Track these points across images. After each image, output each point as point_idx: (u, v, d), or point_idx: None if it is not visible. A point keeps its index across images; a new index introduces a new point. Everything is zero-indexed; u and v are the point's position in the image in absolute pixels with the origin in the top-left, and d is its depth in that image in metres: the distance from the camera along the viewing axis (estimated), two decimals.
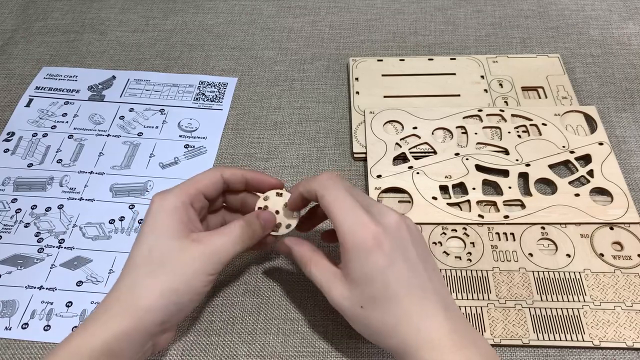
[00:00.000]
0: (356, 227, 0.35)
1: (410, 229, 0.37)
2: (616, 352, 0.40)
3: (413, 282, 0.35)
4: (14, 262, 0.46)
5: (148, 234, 0.37)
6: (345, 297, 0.35)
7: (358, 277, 0.35)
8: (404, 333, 0.34)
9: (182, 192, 0.38)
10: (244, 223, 0.39)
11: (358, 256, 0.35)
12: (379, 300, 0.34)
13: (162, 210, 0.37)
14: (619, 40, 0.64)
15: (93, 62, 0.63)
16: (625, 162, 0.52)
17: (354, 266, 0.35)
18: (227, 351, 0.41)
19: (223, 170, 0.41)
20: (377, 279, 0.34)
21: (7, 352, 0.42)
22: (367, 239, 0.34)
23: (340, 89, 0.60)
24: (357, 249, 0.35)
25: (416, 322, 0.34)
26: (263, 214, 0.41)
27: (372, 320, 0.35)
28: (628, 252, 0.45)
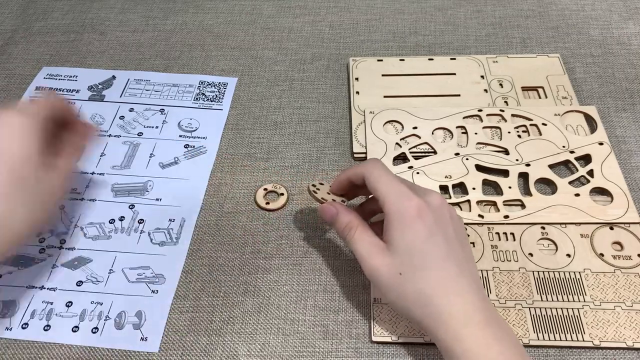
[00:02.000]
0: (401, 199, 0.37)
1: (451, 211, 0.39)
2: (616, 352, 0.40)
3: (451, 258, 0.36)
4: (15, 262, 0.46)
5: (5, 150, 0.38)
6: (385, 264, 0.37)
7: (400, 244, 0.36)
8: (438, 304, 0.35)
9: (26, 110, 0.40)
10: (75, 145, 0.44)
11: (402, 224, 0.37)
12: (418, 269, 0.36)
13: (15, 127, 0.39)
14: (619, 40, 0.64)
15: (93, 62, 0.63)
16: (625, 162, 0.52)
17: (397, 234, 0.37)
18: (227, 351, 0.41)
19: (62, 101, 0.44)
20: (418, 247, 0.36)
21: (7, 352, 0.42)
22: (411, 209, 0.37)
23: (340, 89, 0.60)
24: (401, 218, 0.37)
25: (451, 295, 0.35)
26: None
27: (409, 289, 0.36)
28: (628, 252, 0.45)
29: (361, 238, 0.39)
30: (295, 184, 0.51)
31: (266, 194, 0.51)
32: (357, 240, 0.39)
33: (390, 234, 0.37)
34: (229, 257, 0.47)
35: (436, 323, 0.35)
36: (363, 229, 0.39)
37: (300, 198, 0.50)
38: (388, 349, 0.41)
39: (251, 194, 0.51)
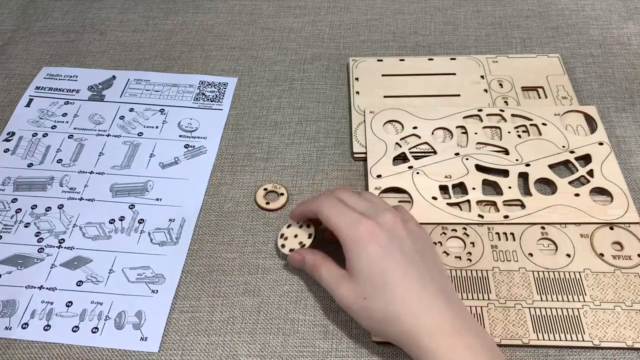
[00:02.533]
0: (352, 225, 0.38)
1: (409, 226, 0.40)
2: (616, 352, 0.40)
3: (410, 273, 0.37)
4: (14, 262, 0.46)
5: None
6: (349, 291, 0.38)
7: (358, 269, 0.38)
8: (405, 321, 0.36)
9: None
10: None
11: (357, 249, 0.38)
12: (379, 290, 0.37)
13: None
14: (619, 40, 0.64)
15: (93, 62, 0.63)
16: (625, 162, 0.52)
17: (354, 260, 0.38)
18: (227, 351, 0.41)
19: None
20: (375, 269, 0.37)
21: (7, 352, 0.42)
22: (362, 233, 0.38)
23: (340, 89, 0.60)
24: (355, 244, 0.38)
25: (416, 310, 0.36)
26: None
27: (375, 311, 0.37)
28: (628, 252, 0.45)
29: (327, 272, 0.40)
30: (295, 184, 0.51)
31: (266, 194, 0.51)
32: (323, 276, 0.40)
33: (349, 261, 0.38)
34: (229, 257, 0.47)
35: (408, 340, 0.36)
36: (328, 264, 0.41)
37: (300, 198, 0.50)
38: (388, 349, 0.41)
39: (251, 194, 0.51)
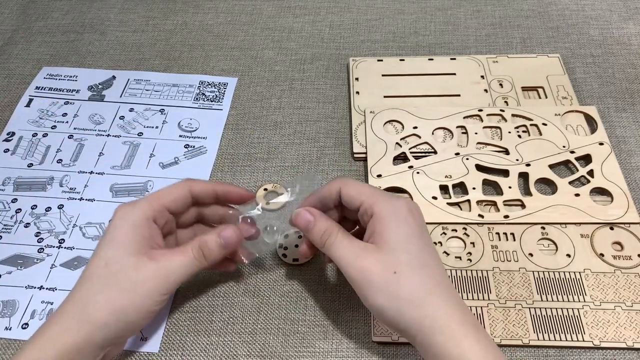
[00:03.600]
0: (389, 199, 0.37)
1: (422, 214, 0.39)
2: (616, 352, 0.40)
3: (437, 258, 0.37)
4: (14, 262, 0.46)
5: (107, 247, 0.37)
6: (378, 263, 0.35)
7: (395, 240, 0.35)
8: (435, 303, 0.34)
9: (146, 206, 0.38)
10: (200, 244, 0.38)
11: (396, 220, 0.36)
12: (414, 266, 0.35)
13: (125, 224, 0.37)
14: (619, 40, 0.64)
15: (93, 62, 0.63)
16: (625, 162, 0.52)
17: (391, 231, 0.36)
18: (227, 351, 0.41)
19: (192, 184, 0.40)
20: (414, 243, 0.36)
21: (7, 352, 0.42)
22: (402, 207, 0.36)
23: (340, 89, 0.60)
24: (395, 214, 0.36)
25: (446, 296, 0.34)
26: (225, 231, 0.39)
27: (404, 288, 0.34)
28: (628, 252, 0.45)
29: (343, 241, 0.37)
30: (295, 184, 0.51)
31: (266, 194, 0.51)
32: (339, 245, 0.37)
33: (383, 232, 0.36)
34: None
35: (432, 325, 0.33)
36: (344, 233, 0.37)
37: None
38: (388, 349, 0.41)
39: None
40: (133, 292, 0.36)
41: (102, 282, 0.36)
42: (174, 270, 0.37)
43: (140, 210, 0.38)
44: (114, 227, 0.37)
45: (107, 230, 0.38)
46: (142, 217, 0.37)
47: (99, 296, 0.35)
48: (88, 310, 0.35)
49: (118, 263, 0.36)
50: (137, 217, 0.37)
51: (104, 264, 0.36)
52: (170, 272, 0.37)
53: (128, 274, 0.36)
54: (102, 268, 0.36)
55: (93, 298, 0.35)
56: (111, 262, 0.36)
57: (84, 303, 0.35)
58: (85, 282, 0.36)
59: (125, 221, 0.37)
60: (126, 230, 0.37)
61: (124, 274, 0.36)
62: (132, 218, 0.37)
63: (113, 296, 0.35)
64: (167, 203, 0.39)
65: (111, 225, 0.37)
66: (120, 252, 0.36)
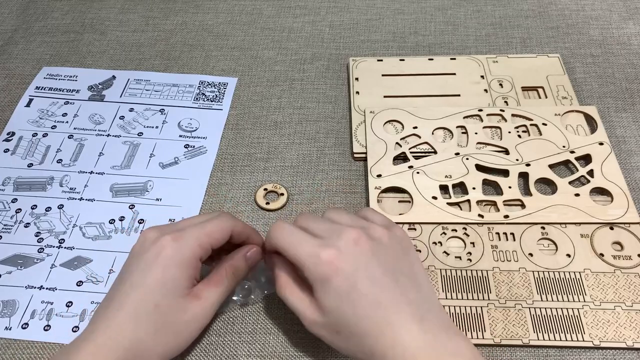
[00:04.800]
0: (312, 259, 0.35)
1: (374, 240, 0.36)
2: (616, 352, 0.40)
3: (382, 298, 0.34)
4: (14, 262, 0.46)
5: (157, 287, 0.36)
6: (320, 323, 0.36)
7: (327, 306, 0.35)
8: (381, 351, 0.33)
9: (196, 246, 0.37)
10: (233, 271, 0.39)
11: (322, 287, 0.35)
12: (352, 326, 0.34)
13: (173, 265, 0.36)
14: (619, 40, 0.64)
15: (93, 62, 0.63)
16: (625, 162, 0.52)
17: (321, 297, 0.35)
18: (227, 351, 0.41)
19: (234, 224, 0.40)
20: (344, 304, 0.34)
21: (7, 352, 0.42)
22: (324, 267, 0.34)
23: (340, 89, 0.60)
24: (319, 280, 0.35)
25: (391, 337, 0.33)
26: (250, 253, 0.40)
27: (350, 345, 0.35)
28: (628, 252, 0.45)
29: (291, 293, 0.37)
30: (295, 184, 0.51)
31: (266, 194, 0.51)
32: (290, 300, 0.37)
33: (316, 296, 0.35)
34: None
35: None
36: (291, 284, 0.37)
37: (300, 198, 0.50)
38: None
39: (251, 194, 0.51)
40: (183, 333, 0.37)
41: (153, 327, 0.35)
42: (214, 303, 0.38)
43: (190, 251, 0.37)
44: (164, 264, 0.36)
45: (153, 263, 0.36)
46: (192, 258, 0.37)
47: (150, 342, 0.35)
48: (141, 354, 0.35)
49: (168, 307, 0.36)
50: (187, 258, 0.37)
51: (153, 306, 0.35)
52: (212, 306, 0.38)
53: (178, 316, 0.36)
54: (151, 310, 0.35)
55: (144, 343, 0.35)
56: (161, 305, 0.36)
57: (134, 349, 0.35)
58: (132, 322, 0.35)
59: (174, 262, 0.36)
60: (176, 270, 0.36)
61: (175, 317, 0.36)
62: (181, 259, 0.36)
63: (163, 342, 0.36)
64: (214, 242, 0.38)
65: (160, 260, 0.36)
66: (171, 295, 0.36)
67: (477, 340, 0.41)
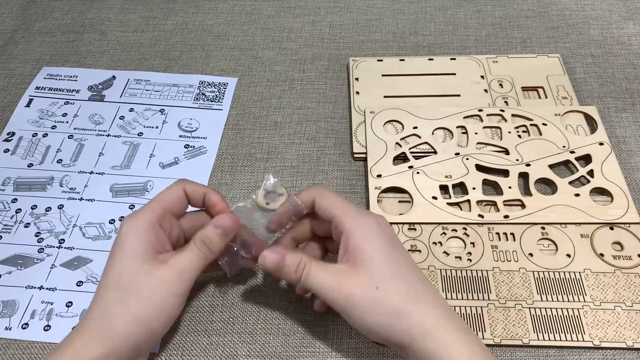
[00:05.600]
0: (361, 214, 0.38)
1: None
2: (616, 352, 0.40)
3: (414, 268, 0.37)
4: (14, 262, 0.46)
5: (118, 258, 0.37)
6: (359, 284, 0.35)
7: (371, 256, 0.36)
8: (422, 311, 0.34)
9: (149, 213, 0.38)
10: (201, 238, 0.39)
11: (369, 236, 0.37)
12: (394, 277, 0.35)
13: (132, 233, 0.37)
14: (619, 40, 0.64)
15: (93, 62, 0.63)
16: (625, 162, 0.52)
17: (365, 247, 0.36)
18: (227, 351, 0.41)
19: (185, 184, 0.41)
20: (389, 256, 0.36)
21: (7, 352, 0.42)
22: (372, 222, 0.37)
23: (340, 89, 0.60)
24: (367, 230, 0.37)
25: (429, 300, 0.35)
26: (221, 220, 0.39)
27: (390, 301, 0.34)
28: (628, 252, 0.45)
29: (319, 270, 0.37)
30: (295, 184, 0.51)
31: (266, 194, 0.50)
32: (315, 274, 0.37)
33: (356, 248, 0.36)
34: None
35: (422, 332, 0.33)
36: (316, 261, 0.37)
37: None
38: (388, 349, 0.41)
39: (251, 194, 0.51)
40: (151, 299, 0.36)
41: (119, 292, 0.36)
42: (184, 268, 0.37)
43: (143, 218, 0.38)
44: (122, 238, 0.37)
45: (115, 243, 0.38)
46: (147, 224, 0.38)
47: (118, 307, 0.35)
48: (109, 322, 0.35)
49: (131, 272, 0.36)
50: (142, 225, 0.38)
51: (117, 275, 0.36)
52: (182, 271, 0.37)
53: (143, 280, 0.36)
54: (116, 279, 0.36)
55: (111, 309, 0.35)
56: (124, 271, 0.36)
57: (104, 316, 0.35)
58: (103, 295, 0.36)
59: (132, 230, 0.38)
60: (133, 239, 0.37)
61: (139, 282, 0.36)
62: (137, 227, 0.38)
63: (132, 305, 0.36)
64: (167, 205, 0.39)
65: (119, 238, 0.38)
66: (132, 261, 0.37)
67: None
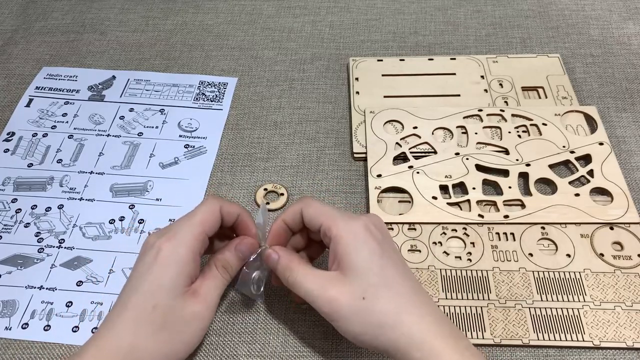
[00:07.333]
0: (347, 221, 0.36)
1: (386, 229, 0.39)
2: (616, 352, 0.40)
3: (406, 274, 0.36)
4: (14, 262, 0.46)
5: (156, 288, 0.36)
6: (345, 292, 0.35)
7: (358, 264, 0.35)
8: (408, 321, 0.34)
9: (192, 239, 0.37)
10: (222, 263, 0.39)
11: (355, 243, 0.35)
12: (381, 287, 0.34)
13: (172, 263, 0.36)
14: (619, 40, 0.64)
15: (93, 62, 0.63)
16: (625, 162, 0.52)
17: (352, 255, 0.35)
18: (227, 351, 0.41)
19: (222, 204, 0.39)
20: (377, 264, 0.35)
21: (7, 352, 0.42)
22: (359, 228, 0.36)
23: (340, 89, 0.60)
24: (353, 237, 0.36)
25: (418, 309, 0.34)
26: (240, 245, 0.39)
27: (375, 312, 0.34)
28: (628, 252, 0.45)
29: (307, 275, 0.36)
30: (295, 184, 0.51)
31: (266, 194, 0.51)
32: (303, 279, 0.36)
33: (343, 256, 0.35)
34: None
35: (409, 342, 0.33)
36: (306, 265, 0.37)
37: (301, 197, 0.50)
38: None
39: (251, 194, 0.51)
40: (182, 333, 0.36)
41: (152, 328, 0.35)
42: (213, 298, 0.38)
43: (185, 247, 0.36)
44: (162, 264, 0.36)
45: (150, 263, 0.36)
46: (190, 254, 0.36)
47: (150, 343, 0.35)
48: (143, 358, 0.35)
49: (167, 306, 0.36)
50: (185, 254, 0.36)
51: (151, 307, 0.35)
52: (211, 302, 0.37)
53: (177, 316, 0.36)
54: (150, 311, 0.35)
55: (144, 346, 0.35)
56: (160, 305, 0.35)
57: (135, 352, 0.35)
58: (132, 325, 0.35)
59: (173, 259, 0.36)
60: (173, 269, 0.36)
61: (173, 317, 0.36)
62: (179, 256, 0.36)
63: (164, 342, 0.35)
64: (206, 229, 0.38)
65: (158, 260, 0.36)
66: (169, 295, 0.36)
67: (477, 340, 0.41)
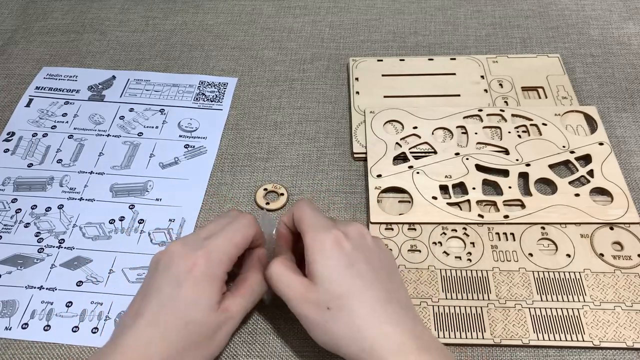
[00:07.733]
0: (320, 230, 0.37)
1: (377, 241, 0.39)
2: (616, 352, 0.40)
3: (376, 285, 0.36)
4: (14, 262, 0.46)
5: (189, 304, 0.36)
6: (312, 301, 0.36)
7: (322, 274, 0.36)
8: (370, 336, 0.34)
9: (226, 258, 0.37)
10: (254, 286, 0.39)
11: (321, 254, 0.36)
12: (344, 299, 0.35)
13: (207, 280, 0.36)
14: (619, 40, 0.64)
15: (93, 62, 0.63)
16: (625, 162, 0.52)
17: (318, 265, 0.36)
18: (227, 351, 0.41)
19: (257, 227, 0.40)
20: (341, 275, 0.35)
21: (7, 352, 0.42)
22: (329, 239, 0.36)
23: (340, 89, 0.60)
24: (320, 248, 0.36)
25: (383, 324, 0.34)
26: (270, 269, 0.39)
27: (339, 323, 0.35)
28: (628, 252, 0.45)
29: (283, 276, 0.37)
30: (295, 184, 0.51)
31: (266, 194, 0.51)
32: (278, 279, 0.37)
33: (310, 265, 0.36)
34: None
35: (372, 355, 0.33)
36: (286, 267, 0.38)
37: (300, 198, 0.50)
38: None
39: (251, 194, 0.51)
40: (211, 348, 0.37)
41: (183, 344, 0.35)
42: (241, 314, 0.39)
43: (220, 266, 0.37)
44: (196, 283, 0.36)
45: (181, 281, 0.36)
46: (224, 274, 0.37)
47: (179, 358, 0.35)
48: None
49: (200, 324, 0.36)
50: (217, 273, 0.37)
51: (184, 324, 0.35)
52: (240, 316, 0.38)
53: (208, 332, 0.36)
54: (182, 327, 0.35)
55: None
56: (193, 322, 0.36)
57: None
58: (163, 341, 0.35)
59: (205, 278, 0.36)
60: (207, 288, 0.36)
61: (205, 334, 0.36)
62: (212, 275, 0.37)
63: (194, 355, 0.36)
64: (240, 251, 0.39)
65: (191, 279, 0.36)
66: (203, 313, 0.36)
67: (477, 340, 0.41)
